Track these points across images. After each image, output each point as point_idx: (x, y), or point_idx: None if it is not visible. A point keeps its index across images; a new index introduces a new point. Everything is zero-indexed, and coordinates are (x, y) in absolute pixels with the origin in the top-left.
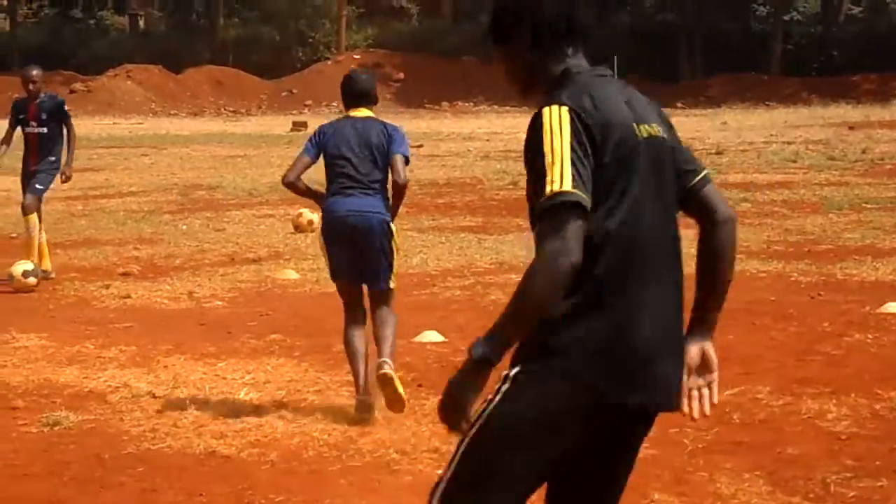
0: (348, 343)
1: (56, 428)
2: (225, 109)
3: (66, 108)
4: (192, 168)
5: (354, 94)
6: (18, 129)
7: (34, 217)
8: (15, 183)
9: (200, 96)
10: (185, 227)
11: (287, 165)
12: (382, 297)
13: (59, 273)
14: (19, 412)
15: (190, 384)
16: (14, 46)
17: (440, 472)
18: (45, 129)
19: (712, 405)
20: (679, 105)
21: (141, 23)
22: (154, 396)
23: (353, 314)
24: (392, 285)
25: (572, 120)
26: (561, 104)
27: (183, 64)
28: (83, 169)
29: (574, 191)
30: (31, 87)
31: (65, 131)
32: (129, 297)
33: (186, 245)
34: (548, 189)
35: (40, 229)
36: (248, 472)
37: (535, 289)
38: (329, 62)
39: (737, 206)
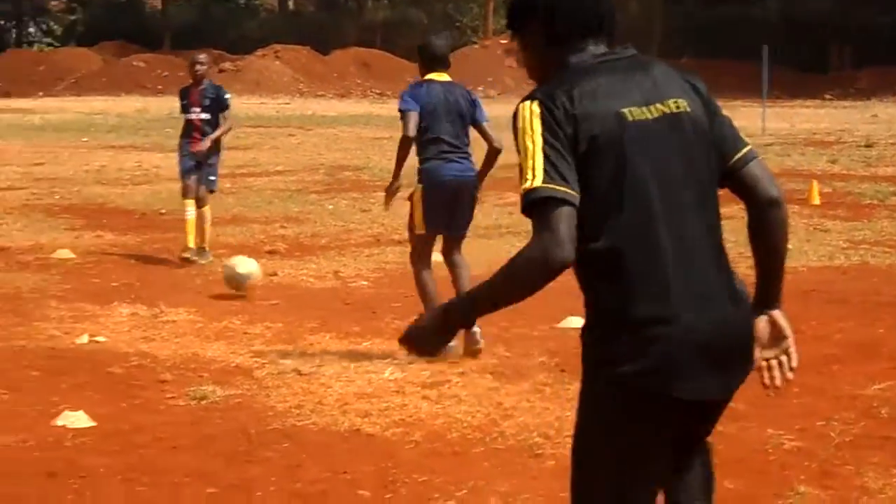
0: (425, 285)
1: (203, 402)
2: (371, 91)
3: (228, 98)
4: (338, 149)
5: (436, 58)
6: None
7: (208, 209)
8: (163, 159)
9: (347, 78)
10: (331, 206)
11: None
12: (460, 242)
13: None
14: (167, 385)
15: (335, 362)
16: (164, 25)
17: None
18: (208, 115)
19: (792, 370)
20: (827, 96)
21: (290, 3)
22: (299, 373)
23: (427, 260)
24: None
25: (542, 113)
26: (533, 99)
27: (330, 45)
28: (230, 147)
29: (546, 185)
30: (197, 69)
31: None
32: (275, 274)
33: (332, 225)
34: (522, 185)
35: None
36: (392, 452)
37: (522, 272)
38: (476, 46)
39: (887, 199)
